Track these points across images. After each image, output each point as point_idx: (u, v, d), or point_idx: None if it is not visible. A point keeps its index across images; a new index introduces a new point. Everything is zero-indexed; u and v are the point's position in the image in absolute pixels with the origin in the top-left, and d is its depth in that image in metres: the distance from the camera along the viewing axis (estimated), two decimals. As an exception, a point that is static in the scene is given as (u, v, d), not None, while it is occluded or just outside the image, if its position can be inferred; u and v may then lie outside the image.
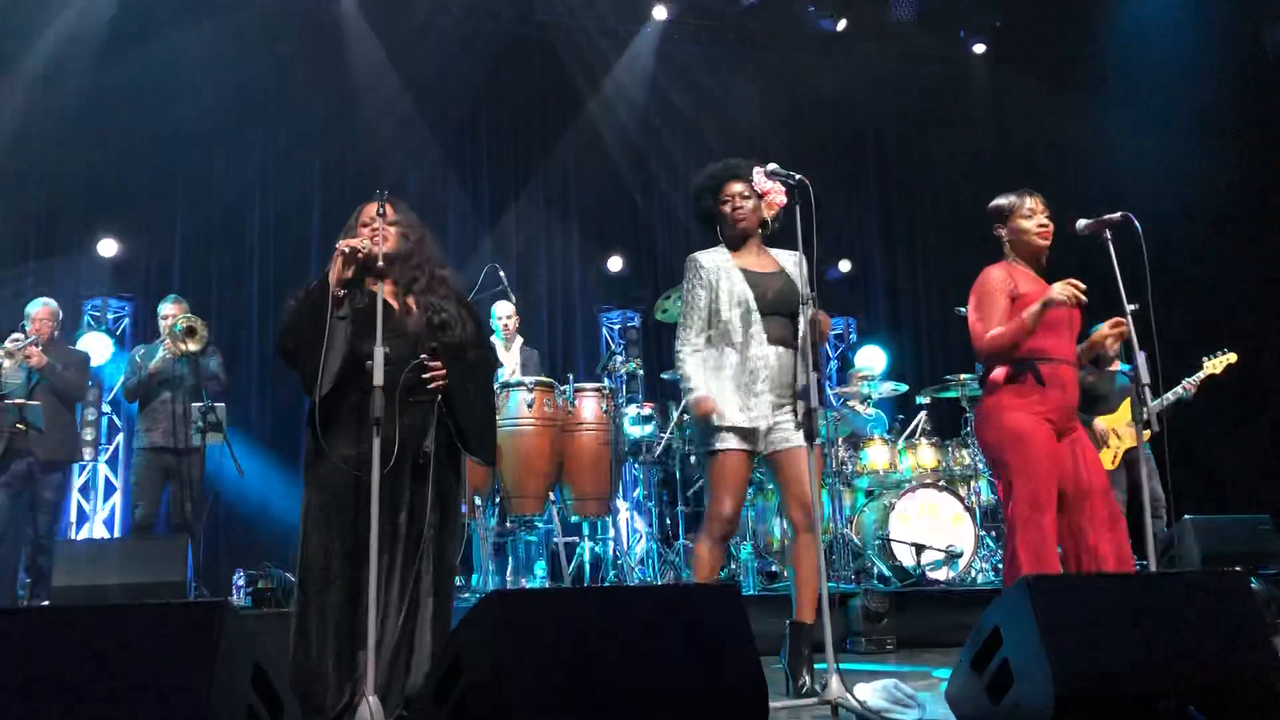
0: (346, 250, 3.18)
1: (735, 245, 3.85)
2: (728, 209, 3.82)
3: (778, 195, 3.78)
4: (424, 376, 3.09)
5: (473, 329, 3.35)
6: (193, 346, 6.01)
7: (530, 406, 5.86)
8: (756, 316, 3.68)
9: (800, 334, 3.58)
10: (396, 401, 3.09)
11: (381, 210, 3.16)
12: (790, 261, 3.84)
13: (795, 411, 3.67)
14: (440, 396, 3.18)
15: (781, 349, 3.68)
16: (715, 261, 3.80)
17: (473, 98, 9.05)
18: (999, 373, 3.68)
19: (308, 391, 3.14)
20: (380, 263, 3.16)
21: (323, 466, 3.17)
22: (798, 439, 3.62)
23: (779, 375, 3.67)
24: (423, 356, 3.08)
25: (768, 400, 3.65)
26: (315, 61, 8.43)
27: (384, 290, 3.26)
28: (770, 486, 6.10)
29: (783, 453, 3.67)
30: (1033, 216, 3.77)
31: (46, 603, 5.40)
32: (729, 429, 3.62)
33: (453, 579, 3.35)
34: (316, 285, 3.23)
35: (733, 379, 3.67)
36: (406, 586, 3.11)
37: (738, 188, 3.81)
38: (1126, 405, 6.16)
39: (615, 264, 9.18)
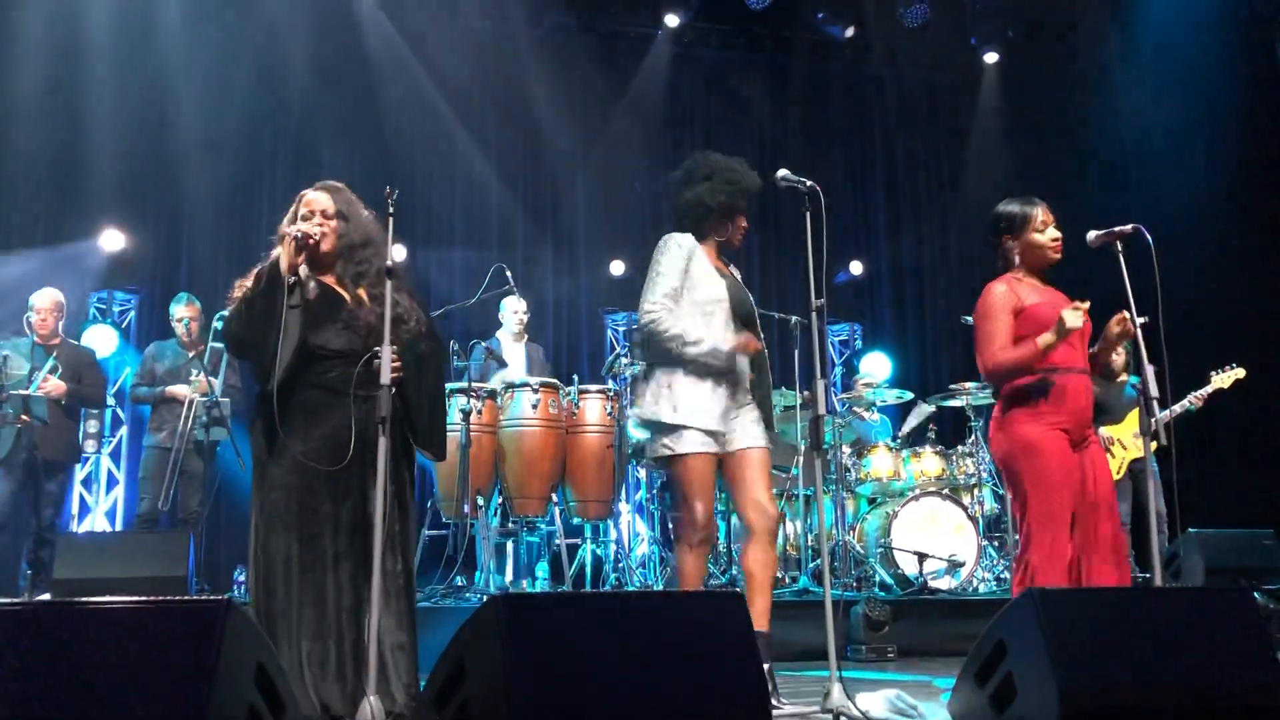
0: (298, 235, 3.14)
1: (713, 246, 3.81)
2: (739, 231, 3.81)
3: None
4: (376, 365, 2.98)
5: (425, 321, 3.32)
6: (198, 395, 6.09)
7: (535, 407, 5.86)
8: (728, 320, 3.67)
9: (813, 341, 3.47)
10: (351, 396, 3.07)
11: (392, 211, 3.12)
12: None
13: (756, 411, 3.70)
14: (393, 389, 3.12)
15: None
16: (693, 250, 3.73)
17: (484, 97, 9.05)
18: (1012, 385, 3.62)
19: (260, 382, 3.10)
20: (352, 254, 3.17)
21: (277, 464, 3.12)
22: (751, 439, 3.64)
23: (737, 378, 3.67)
24: (375, 349, 3.02)
25: (727, 403, 3.64)
26: (329, 55, 8.42)
27: (330, 281, 3.25)
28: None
29: (736, 454, 3.64)
30: (1045, 230, 3.72)
31: (47, 595, 5.40)
32: (693, 431, 3.57)
33: (414, 574, 3.32)
34: (267, 272, 3.15)
35: (697, 379, 3.61)
36: (370, 584, 3.06)
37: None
38: (1133, 416, 6.16)
39: (619, 267, 9.17)
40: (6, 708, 1.89)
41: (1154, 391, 3.45)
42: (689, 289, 3.67)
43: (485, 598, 3.25)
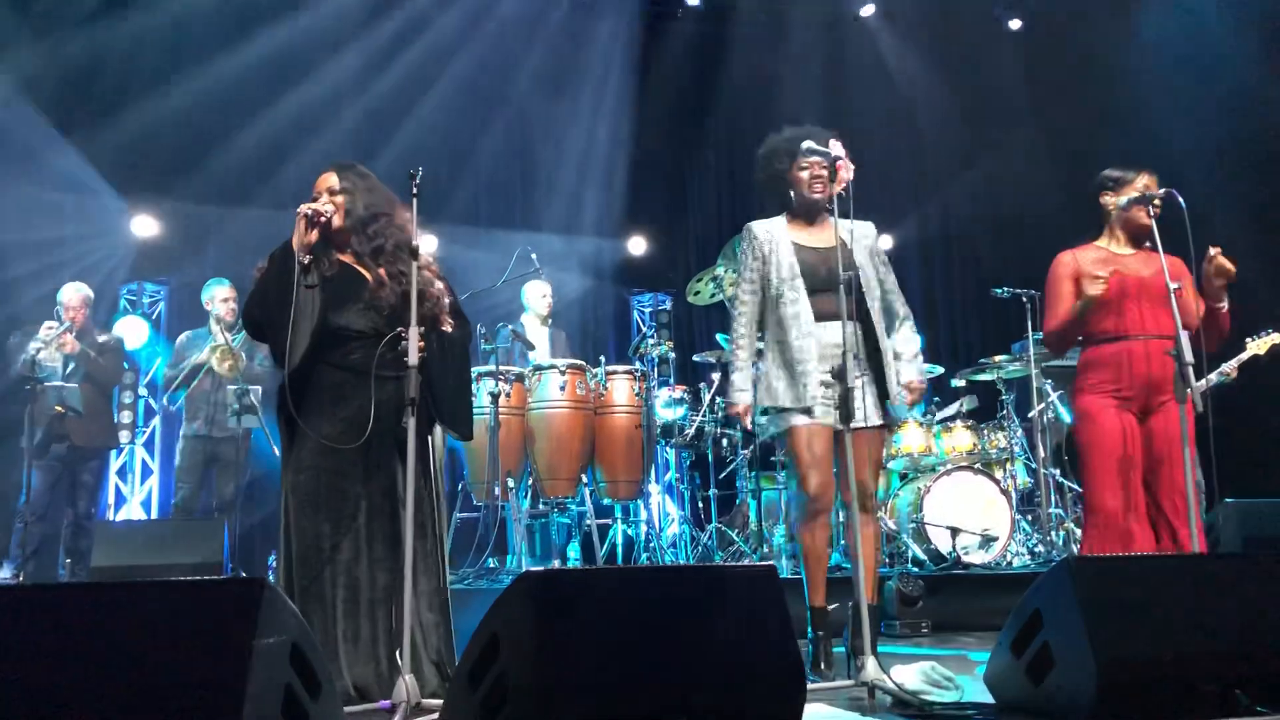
0: (309, 212, 3.15)
1: (798, 215, 3.73)
2: (805, 175, 3.67)
3: (847, 170, 3.62)
4: (401, 347, 2.97)
5: (449, 300, 3.31)
6: (226, 371, 6.08)
7: (563, 389, 5.86)
8: (806, 292, 3.61)
9: (845, 312, 3.38)
10: (372, 376, 3.08)
11: (415, 191, 3.12)
12: (851, 231, 3.73)
13: (860, 387, 3.57)
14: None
15: (835, 324, 3.56)
16: (770, 233, 3.71)
17: (503, 74, 9.02)
18: (1080, 357, 3.88)
19: (278, 364, 3.10)
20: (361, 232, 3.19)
21: (305, 447, 3.13)
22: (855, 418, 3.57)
23: (832, 351, 3.55)
24: (399, 330, 3.01)
25: (819, 377, 3.57)
26: (357, 38, 8.40)
27: (349, 260, 3.24)
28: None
29: (839, 432, 3.55)
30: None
31: (86, 583, 5.48)
32: (789, 408, 3.57)
33: (446, 552, 3.33)
34: (280, 252, 3.16)
35: (784, 356, 3.61)
36: (401, 562, 3.06)
37: (817, 156, 3.62)
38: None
39: (640, 246, 9.15)
40: (48, 686, 1.91)
41: (1189, 358, 3.41)
42: (770, 281, 3.68)
43: (517, 578, 3.26)
